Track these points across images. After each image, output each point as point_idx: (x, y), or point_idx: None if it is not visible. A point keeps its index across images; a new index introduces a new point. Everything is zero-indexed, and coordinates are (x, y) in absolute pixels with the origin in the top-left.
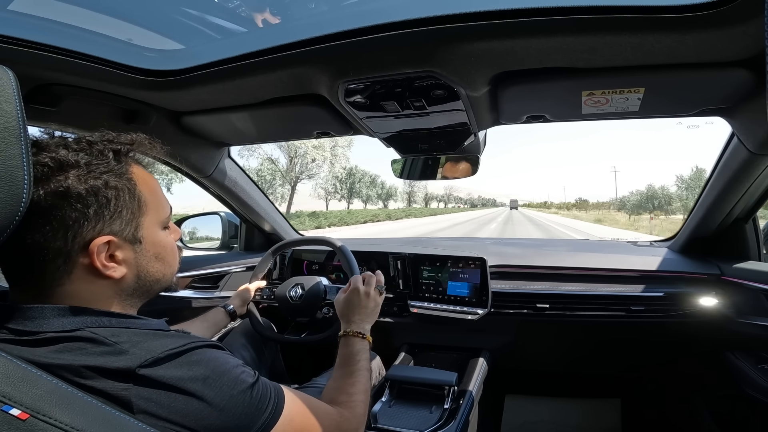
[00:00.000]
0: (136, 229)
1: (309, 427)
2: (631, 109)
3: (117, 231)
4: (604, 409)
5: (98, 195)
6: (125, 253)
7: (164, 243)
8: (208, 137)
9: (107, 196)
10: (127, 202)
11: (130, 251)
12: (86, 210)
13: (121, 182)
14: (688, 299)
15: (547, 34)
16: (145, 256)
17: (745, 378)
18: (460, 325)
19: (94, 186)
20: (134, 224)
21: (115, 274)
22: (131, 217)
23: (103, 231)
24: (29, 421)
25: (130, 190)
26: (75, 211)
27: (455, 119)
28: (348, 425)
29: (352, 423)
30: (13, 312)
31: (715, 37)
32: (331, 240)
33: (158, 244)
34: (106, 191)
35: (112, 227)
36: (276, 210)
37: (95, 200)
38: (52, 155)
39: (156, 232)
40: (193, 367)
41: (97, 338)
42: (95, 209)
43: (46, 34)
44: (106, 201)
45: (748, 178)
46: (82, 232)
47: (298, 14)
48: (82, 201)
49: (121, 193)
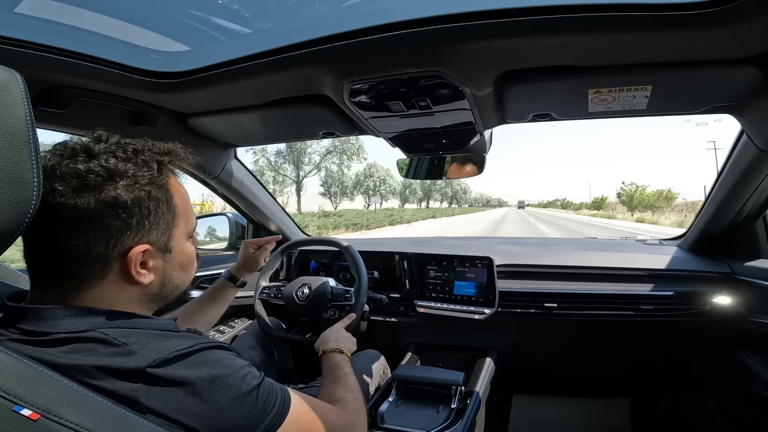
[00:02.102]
0: (168, 239)
1: (316, 425)
2: (638, 107)
3: (153, 240)
4: (613, 409)
5: (141, 206)
6: (156, 262)
7: (189, 253)
8: (214, 138)
9: (149, 207)
10: (165, 212)
11: (160, 260)
12: (130, 220)
13: (161, 193)
14: (699, 298)
15: (552, 33)
16: (171, 265)
17: (756, 377)
18: (467, 325)
19: (138, 197)
20: (168, 234)
21: (145, 280)
22: (166, 228)
23: (141, 240)
24: (40, 421)
25: (168, 201)
26: (120, 221)
27: (460, 118)
28: (351, 420)
29: (353, 418)
30: (26, 313)
31: (723, 34)
32: (337, 240)
33: (183, 253)
34: (149, 202)
35: (150, 237)
36: (282, 210)
37: (138, 211)
38: (103, 164)
39: (183, 242)
40: (201, 368)
41: (107, 339)
42: (138, 219)
43: (53, 36)
44: (147, 212)
45: (758, 176)
46: (123, 240)
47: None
48: (127, 211)
49: (161, 204)
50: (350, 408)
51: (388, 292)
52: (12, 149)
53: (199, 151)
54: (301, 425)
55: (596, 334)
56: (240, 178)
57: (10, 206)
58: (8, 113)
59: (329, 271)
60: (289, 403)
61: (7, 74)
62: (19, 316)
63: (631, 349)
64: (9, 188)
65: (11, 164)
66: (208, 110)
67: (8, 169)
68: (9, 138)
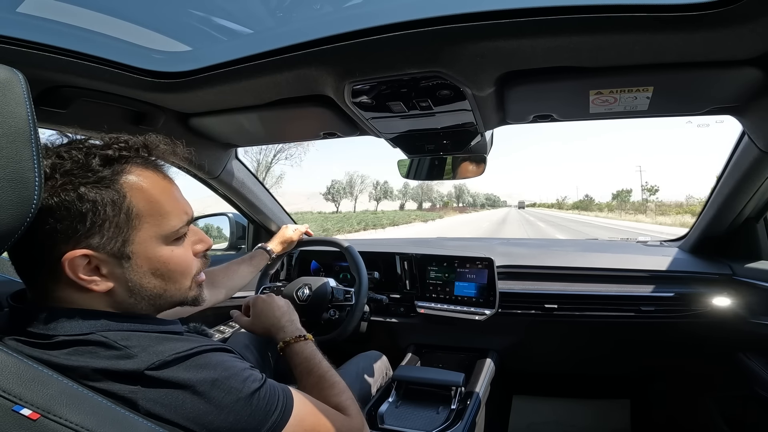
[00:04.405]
0: (123, 244)
1: (319, 427)
2: (639, 108)
3: (96, 245)
4: (613, 410)
5: (70, 209)
6: (111, 268)
7: (165, 258)
8: (215, 138)
9: (81, 209)
10: (110, 215)
11: (116, 266)
12: (56, 224)
13: (103, 194)
14: (700, 299)
15: (553, 34)
16: (136, 272)
17: (757, 379)
18: (468, 326)
19: (64, 200)
20: (120, 239)
21: (98, 287)
22: (116, 232)
23: (78, 245)
24: (40, 420)
25: (115, 202)
26: (46, 224)
27: (461, 119)
28: (354, 425)
29: (358, 424)
30: (29, 315)
31: (724, 35)
32: (338, 241)
33: (155, 259)
34: (81, 204)
35: (90, 241)
36: (283, 210)
37: (67, 214)
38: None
39: (153, 246)
40: (201, 370)
41: (107, 342)
42: (67, 223)
43: (55, 36)
44: (79, 215)
45: (759, 177)
46: (57, 244)
47: (304, 15)
48: (52, 215)
49: (99, 206)
50: (352, 412)
51: (388, 293)
52: (14, 149)
53: (200, 151)
54: (304, 427)
55: (597, 335)
56: (241, 179)
57: (12, 205)
58: (10, 113)
59: (330, 272)
60: (292, 405)
61: (9, 74)
62: (22, 317)
63: (631, 351)
64: (10, 188)
65: (13, 164)
66: (209, 110)
67: (10, 168)
68: (11, 137)
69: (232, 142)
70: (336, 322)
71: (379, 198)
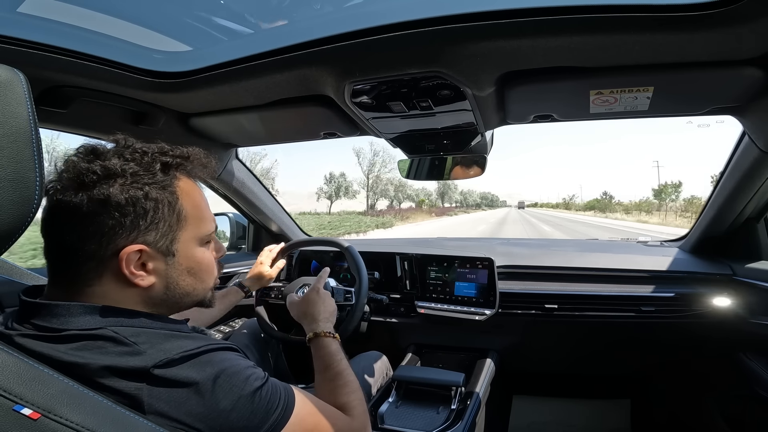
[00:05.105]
0: (171, 242)
1: (320, 426)
2: (640, 108)
3: (151, 241)
4: (613, 410)
5: (137, 205)
6: (156, 264)
7: (199, 258)
8: (215, 138)
9: (146, 206)
10: (166, 214)
11: (161, 262)
12: (123, 218)
13: (163, 195)
14: (700, 300)
15: (553, 34)
16: (176, 269)
17: (757, 379)
18: (468, 326)
19: (134, 196)
20: (170, 237)
21: (143, 282)
22: (168, 230)
23: (136, 240)
24: (40, 420)
25: (171, 203)
26: (112, 219)
27: (462, 119)
28: (357, 427)
29: (360, 425)
30: (41, 308)
31: (725, 35)
32: (338, 241)
33: (192, 258)
34: (146, 202)
35: (146, 237)
36: (283, 210)
37: (133, 210)
38: (104, 163)
39: (192, 247)
40: (205, 368)
41: (117, 337)
42: (132, 218)
43: (56, 36)
44: (143, 211)
45: (760, 177)
46: (115, 238)
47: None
48: (120, 209)
49: (160, 205)
50: (357, 413)
51: (388, 293)
52: (15, 149)
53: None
54: (305, 427)
55: (597, 335)
56: (241, 179)
57: (13, 205)
58: (11, 112)
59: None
60: (293, 404)
61: (10, 73)
62: (34, 311)
63: (631, 351)
64: (11, 188)
65: (14, 163)
66: (209, 110)
67: (11, 168)
68: (12, 137)
69: (232, 142)
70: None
71: (331, 196)
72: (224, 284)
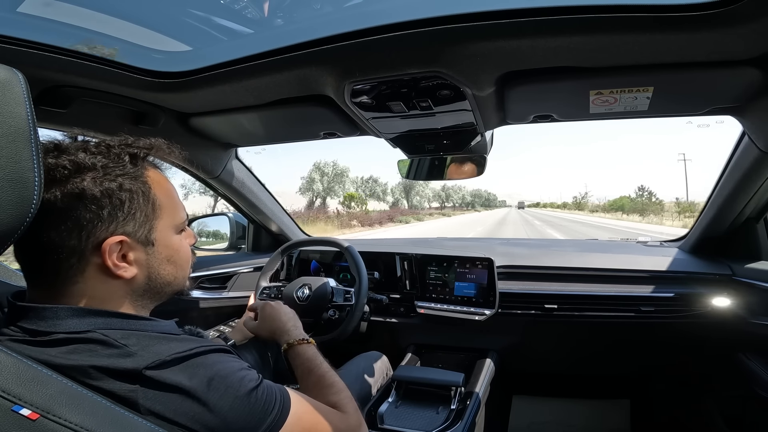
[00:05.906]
0: (149, 232)
1: (318, 425)
2: (639, 109)
3: (130, 232)
4: (612, 410)
5: (112, 197)
6: (137, 254)
7: (177, 246)
8: (215, 138)
9: (121, 198)
10: (141, 204)
11: (142, 252)
12: (100, 211)
13: (136, 185)
14: (699, 300)
15: (553, 34)
16: (156, 258)
17: (757, 379)
18: (467, 326)
19: (108, 188)
20: (148, 226)
21: (126, 274)
22: (145, 220)
23: (116, 231)
24: (39, 421)
25: (145, 193)
26: (89, 212)
27: (462, 119)
28: (353, 423)
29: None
30: (28, 312)
31: (725, 35)
32: (338, 241)
33: (170, 247)
34: (121, 193)
35: (125, 228)
36: (283, 210)
37: (109, 202)
38: (72, 158)
39: (169, 235)
40: (198, 371)
41: (106, 340)
42: (109, 210)
43: (55, 36)
44: (120, 203)
45: (760, 177)
46: (95, 232)
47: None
48: (96, 202)
49: (135, 195)
50: (349, 410)
51: (388, 293)
52: (14, 149)
53: (200, 151)
54: (303, 426)
55: (597, 335)
56: (241, 178)
57: (12, 205)
58: (10, 113)
59: (329, 272)
60: (289, 404)
61: (8, 73)
62: (21, 315)
63: (631, 351)
64: (10, 188)
65: (12, 164)
66: (209, 110)
67: (9, 168)
68: (11, 137)
69: (232, 142)
70: (336, 322)
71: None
72: (224, 284)
